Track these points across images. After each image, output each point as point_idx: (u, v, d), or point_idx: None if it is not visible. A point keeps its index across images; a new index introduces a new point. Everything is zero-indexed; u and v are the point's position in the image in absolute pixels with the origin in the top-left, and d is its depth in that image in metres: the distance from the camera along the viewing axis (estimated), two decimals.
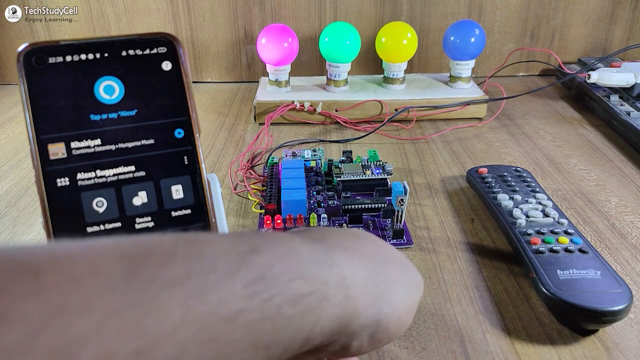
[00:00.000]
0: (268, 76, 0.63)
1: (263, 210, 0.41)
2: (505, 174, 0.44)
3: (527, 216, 0.36)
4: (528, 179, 0.42)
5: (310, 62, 0.74)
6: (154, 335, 0.13)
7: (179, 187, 0.26)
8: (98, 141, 0.25)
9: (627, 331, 0.30)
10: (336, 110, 0.60)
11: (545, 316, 0.31)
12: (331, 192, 0.44)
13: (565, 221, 0.36)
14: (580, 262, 0.32)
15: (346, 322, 0.18)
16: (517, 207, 0.38)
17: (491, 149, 0.53)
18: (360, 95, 0.62)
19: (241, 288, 0.15)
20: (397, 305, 0.20)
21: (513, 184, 0.42)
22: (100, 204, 0.25)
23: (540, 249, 0.33)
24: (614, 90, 0.61)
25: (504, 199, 0.39)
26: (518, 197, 0.39)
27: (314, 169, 0.48)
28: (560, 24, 0.74)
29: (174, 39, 0.26)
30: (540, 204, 0.38)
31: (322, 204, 0.42)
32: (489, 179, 0.43)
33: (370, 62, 0.73)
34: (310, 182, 0.45)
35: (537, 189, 0.41)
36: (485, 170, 0.45)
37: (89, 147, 0.25)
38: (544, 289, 0.30)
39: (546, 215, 0.36)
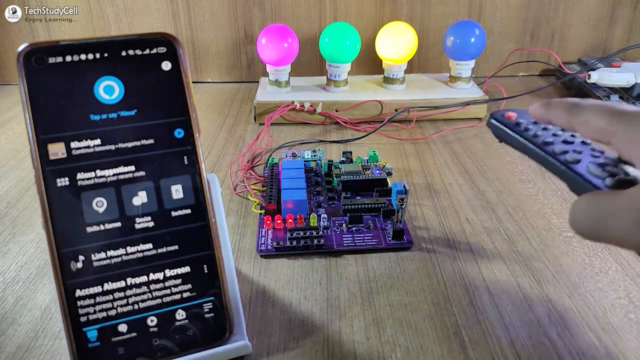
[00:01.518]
0: (268, 76, 0.63)
1: (263, 211, 0.41)
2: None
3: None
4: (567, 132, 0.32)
5: (310, 62, 0.74)
6: None
7: (179, 187, 0.26)
8: (98, 141, 0.25)
9: (627, 331, 0.30)
10: (336, 111, 0.60)
11: (545, 316, 0.31)
12: (331, 193, 0.44)
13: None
14: None
15: None
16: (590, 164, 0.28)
17: (491, 149, 0.53)
18: (360, 96, 0.62)
19: None
20: None
21: (558, 134, 0.31)
22: (100, 204, 0.25)
23: None
24: (614, 90, 0.61)
25: (562, 149, 0.29)
26: (578, 148, 0.30)
27: (314, 169, 0.48)
28: (560, 24, 0.74)
29: (174, 39, 0.26)
30: (606, 156, 0.28)
31: (322, 204, 0.43)
32: (527, 126, 0.32)
33: (370, 62, 0.73)
34: (310, 183, 0.45)
35: (586, 140, 0.30)
36: (514, 114, 0.33)
37: (88, 147, 0.25)
38: None
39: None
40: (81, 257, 0.25)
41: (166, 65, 0.26)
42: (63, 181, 0.25)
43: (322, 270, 0.35)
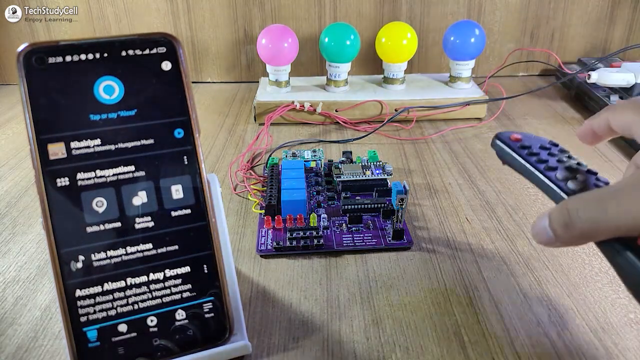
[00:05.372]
0: (268, 76, 0.63)
1: (263, 211, 0.41)
2: (547, 145, 0.33)
3: None
4: (574, 157, 0.32)
5: (310, 62, 0.74)
6: None
7: (179, 187, 0.26)
8: (98, 141, 0.25)
9: (627, 331, 0.30)
10: (336, 111, 0.60)
11: (545, 316, 0.31)
12: (331, 193, 0.44)
13: None
14: None
15: None
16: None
17: (491, 149, 0.53)
18: (360, 96, 0.62)
19: None
20: None
21: (564, 160, 0.31)
22: (100, 204, 0.25)
23: None
24: (614, 90, 0.61)
25: (565, 176, 0.29)
26: (581, 177, 0.29)
27: (314, 169, 0.48)
28: (560, 24, 0.74)
29: (174, 39, 0.26)
30: None
31: (322, 204, 0.43)
32: (533, 150, 0.33)
33: (370, 62, 0.73)
34: (310, 183, 0.45)
35: (593, 170, 0.31)
36: (520, 137, 0.34)
37: (88, 147, 0.25)
38: None
39: None
40: (81, 257, 0.25)
41: (166, 65, 0.26)
42: (63, 181, 0.25)
43: (322, 270, 0.35)
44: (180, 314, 0.26)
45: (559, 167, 0.30)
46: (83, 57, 0.25)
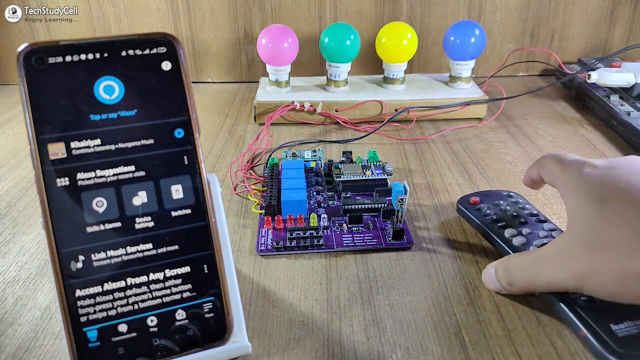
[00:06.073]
0: (268, 76, 0.64)
1: (263, 211, 0.41)
2: (501, 202, 0.39)
3: None
4: (527, 206, 0.38)
5: (310, 62, 0.74)
6: None
7: (179, 187, 0.26)
8: (98, 141, 0.25)
9: None
10: (336, 111, 0.60)
11: (545, 316, 0.31)
12: (331, 193, 0.44)
13: None
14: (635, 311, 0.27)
15: None
16: (532, 246, 0.33)
17: (491, 149, 0.53)
18: (360, 96, 0.62)
19: None
20: None
21: (515, 214, 0.37)
22: (100, 204, 0.25)
23: (582, 298, 0.29)
24: (614, 90, 0.61)
25: (512, 233, 0.35)
26: (527, 230, 0.35)
27: (314, 169, 0.48)
28: (560, 24, 0.74)
29: (174, 39, 0.26)
30: (552, 237, 0.34)
31: (322, 204, 0.43)
32: (487, 210, 0.39)
33: (370, 62, 0.73)
34: (310, 183, 0.45)
35: (542, 217, 0.37)
36: (477, 199, 0.40)
37: (88, 147, 0.25)
38: (604, 352, 0.26)
39: None
40: (81, 257, 0.25)
41: (166, 65, 0.26)
42: (63, 181, 0.25)
43: (322, 270, 0.35)
44: (181, 314, 0.26)
45: (507, 224, 0.36)
46: (83, 57, 0.25)
